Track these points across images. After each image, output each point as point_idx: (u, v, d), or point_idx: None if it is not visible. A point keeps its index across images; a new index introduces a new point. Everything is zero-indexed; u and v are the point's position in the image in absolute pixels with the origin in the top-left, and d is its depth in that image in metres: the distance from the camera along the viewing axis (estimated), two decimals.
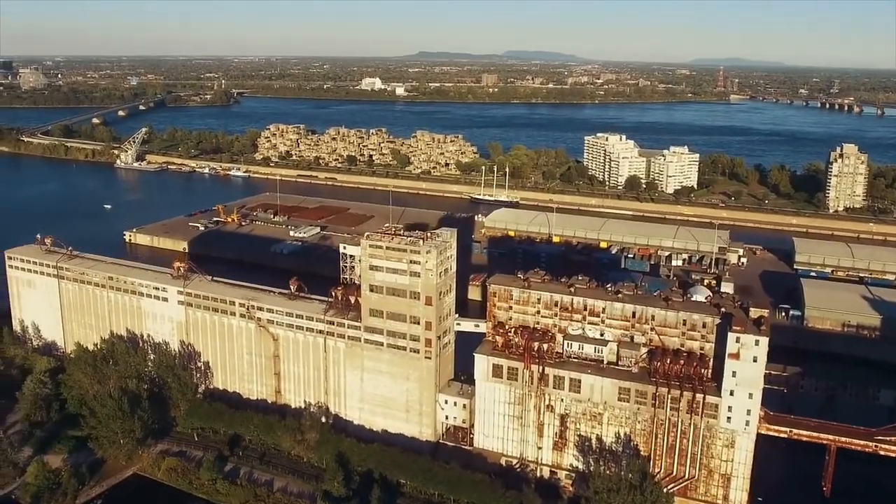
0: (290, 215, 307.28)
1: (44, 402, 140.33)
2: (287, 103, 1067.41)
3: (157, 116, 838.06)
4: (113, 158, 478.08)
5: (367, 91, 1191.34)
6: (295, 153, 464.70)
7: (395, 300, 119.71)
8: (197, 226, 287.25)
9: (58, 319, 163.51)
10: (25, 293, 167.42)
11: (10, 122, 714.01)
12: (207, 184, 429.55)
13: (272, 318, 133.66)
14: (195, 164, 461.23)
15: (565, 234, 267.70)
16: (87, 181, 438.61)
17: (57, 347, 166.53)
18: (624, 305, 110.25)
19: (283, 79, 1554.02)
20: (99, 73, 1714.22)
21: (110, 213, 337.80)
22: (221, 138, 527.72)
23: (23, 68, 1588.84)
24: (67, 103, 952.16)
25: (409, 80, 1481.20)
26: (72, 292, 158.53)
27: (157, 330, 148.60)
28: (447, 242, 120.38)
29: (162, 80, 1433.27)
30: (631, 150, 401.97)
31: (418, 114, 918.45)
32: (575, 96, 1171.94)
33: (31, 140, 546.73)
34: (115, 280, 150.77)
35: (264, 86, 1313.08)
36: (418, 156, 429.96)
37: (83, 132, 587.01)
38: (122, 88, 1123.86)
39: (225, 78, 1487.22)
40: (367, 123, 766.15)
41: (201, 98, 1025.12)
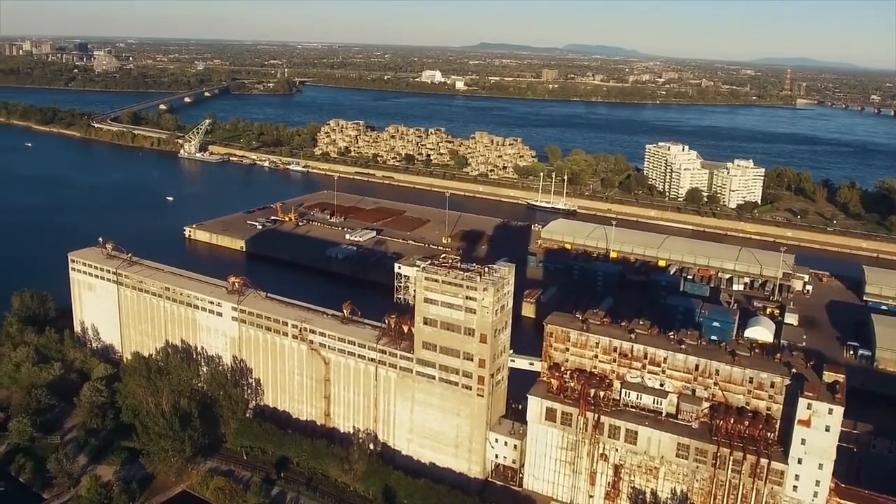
0: (346, 216, 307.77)
1: (99, 409, 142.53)
2: (347, 94, 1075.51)
3: (221, 104, 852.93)
4: (177, 148, 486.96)
5: (427, 84, 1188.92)
6: (353, 149, 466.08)
7: (449, 335, 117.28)
8: (255, 224, 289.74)
9: (116, 324, 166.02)
10: (86, 296, 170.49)
11: (83, 106, 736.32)
12: (266, 177, 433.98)
13: (324, 341, 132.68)
14: (256, 157, 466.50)
15: (623, 250, 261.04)
16: (151, 170, 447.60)
17: (114, 351, 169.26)
18: (687, 357, 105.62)
19: (345, 67, 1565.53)
20: (168, 56, 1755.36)
21: (172, 205, 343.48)
22: (282, 131, 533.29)
23: (97, 50, 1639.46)
24: (136, 88, 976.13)
25: (468, 72, 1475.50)
26: (130, 299, 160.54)
27: (210, 343, 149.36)
28: (504, 279, 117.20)
29: (227, 66, 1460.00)
30: (693, 162, 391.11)
31: (476, 109, 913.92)
32: (635, 96, 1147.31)
33: (101, 126, 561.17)
34: (172, 291, 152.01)
35: (326, 74, 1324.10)
36: (476, 157, 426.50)
37: (150, 119, 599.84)
38: (189, 74, 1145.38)
39: (288, 65, 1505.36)
40: (425, 118, 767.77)
41: (264, 86, 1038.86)
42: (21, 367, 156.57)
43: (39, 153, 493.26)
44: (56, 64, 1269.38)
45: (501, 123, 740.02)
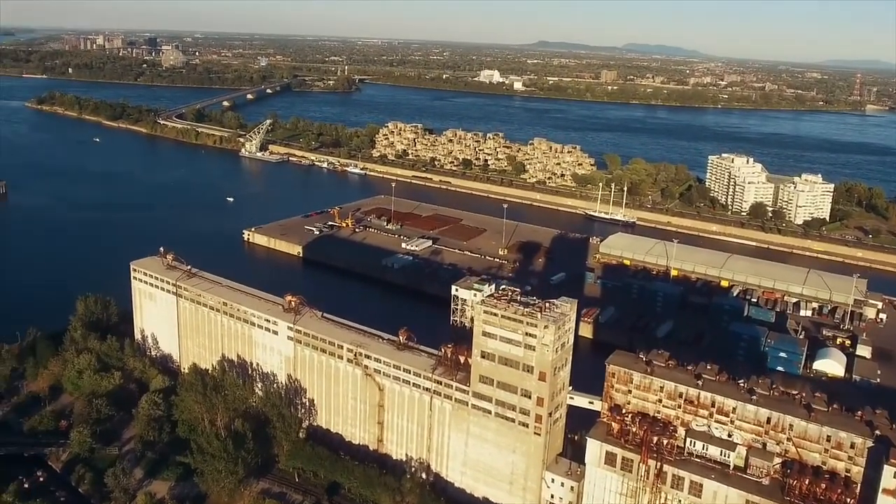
0: (403, 223, 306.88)
1: (156, 422, 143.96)
2: (405, 92, 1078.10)
3: (281, 101, 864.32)
4: (238, 146, 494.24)
5: (485, 84, 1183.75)
6: (411, 152, 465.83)
7: (506, 370, 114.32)
8: (312, 229, 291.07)
9: (174, 335, 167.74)
10: (147, 305, 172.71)
11: (150, 101, 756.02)
12: (325, 179, 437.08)
13: (379, 367, 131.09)
14: (315, 158, 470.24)
15: (684, 268, 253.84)
16: (213, 169, 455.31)
17: (172, 360, 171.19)
18: (758, 409, 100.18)
19: (404, 65, 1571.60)
20: (232, 51, 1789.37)
21: (232, 206, 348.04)
22: (341, 131, 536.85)
23: (165, 45, 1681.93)
24: (201, 83, 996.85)
25: (527, 72, 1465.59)
26: (188, 311, 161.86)
27: (266, 360, 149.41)
28: (566, 315, 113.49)
29: (289, 62, 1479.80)
30: (758, 175, 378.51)
31: (533, 111, 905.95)
32: (696, 99, 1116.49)
33: (166, 123, 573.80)
34: (229, 306, 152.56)
35: (385, 72, 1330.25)
36: (534, 164, 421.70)
37: (213, 117, 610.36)
38: (252, 70, 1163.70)
39: (348, 62, 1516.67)
40: (481, 120, 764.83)
41: (324, 84, 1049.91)
42: (83, 374, 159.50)
43: (107, 149, 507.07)
44: (126, 59, 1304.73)
45: (558, 127, 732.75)
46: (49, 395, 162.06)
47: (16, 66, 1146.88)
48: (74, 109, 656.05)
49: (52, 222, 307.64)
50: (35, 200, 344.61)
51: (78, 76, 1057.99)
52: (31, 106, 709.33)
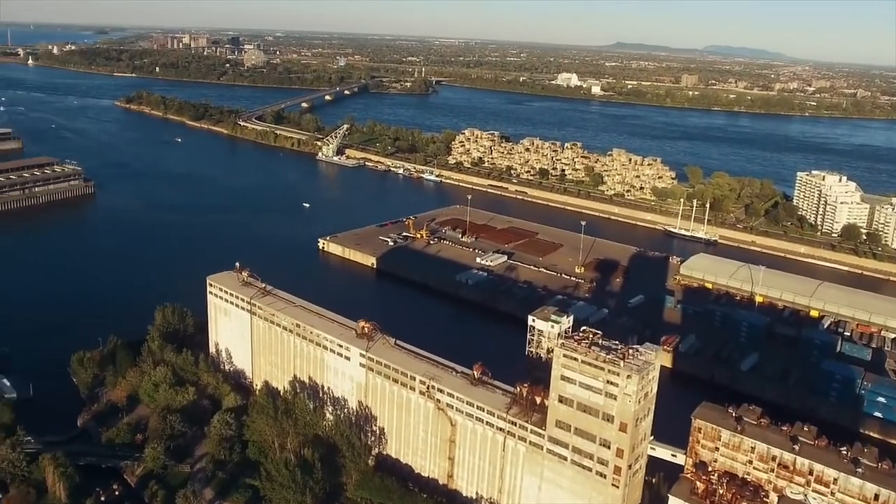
0: (478, 235, 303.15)
1: (227, 442, 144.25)
2: (481, 95, 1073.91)
3: (358, 102, 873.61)
4: (315, 150, 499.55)
5: (562, 87, 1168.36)
6: (487, 160, 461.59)
7: (585, 417, 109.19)
8: (386, 240, 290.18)
9: (248, 351, 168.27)
10: (222, 320, 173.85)
11: (231, 101, 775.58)
12: (400, 185, 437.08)
13: (451, 402, 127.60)
14: (390, 163, 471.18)
15: (770, 294, 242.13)
16: (290, 172, 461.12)
17: (245, 376, 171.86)
18: (864, 483, 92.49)
19: (481, 66, 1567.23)
20: (312, 51, 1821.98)
21: (308, 212, 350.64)
22: (417, 136, 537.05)
23: (247, 44, 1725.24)
24: (281, 83, 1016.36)
25: (604, 75, 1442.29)
26: (262, 329, 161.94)
27: (337, 385, 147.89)
28: (650, 364, 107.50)
29: (367, 62, 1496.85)
30: (852, 195, 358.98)
31: (610, 117, 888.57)
32: (782, 106, 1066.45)
33: (246, 125, 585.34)
34: (302, 328, 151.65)
35: (462, 74, 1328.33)
36: (612, 176, 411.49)
37: (291, 119, 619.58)
38: (330, 70, 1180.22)
39: (425, 63, 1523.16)
40: (556, 125, 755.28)
41: (401, 85, 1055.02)
42: (159, 387, 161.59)
43: (188, 149, 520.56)
44: (210, 58, 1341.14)
45: (635, 134, 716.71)
46: (126, 404, 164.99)
47: (108, 64, 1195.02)
48: (160, 109, 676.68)
49: (134, 224, 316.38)
50: (120, 201, 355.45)
51: (164, 75, 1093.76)
52: (120, 105, 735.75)
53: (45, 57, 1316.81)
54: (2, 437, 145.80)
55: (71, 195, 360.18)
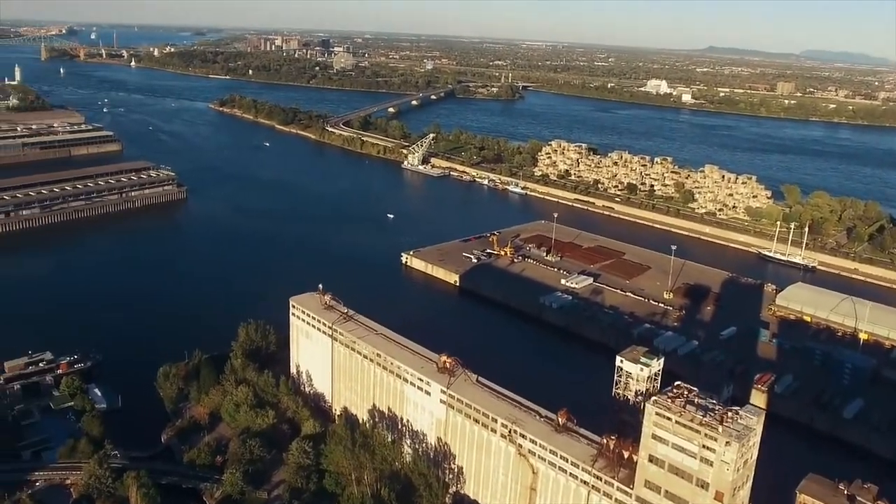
0: (563, 254, 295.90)
1: (304, 471, 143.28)
2: (568, 102, 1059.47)
3: (444, 108, 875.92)
4: (401, 158, 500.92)
5: (651, 94, 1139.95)
6: (574, 173, 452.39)
7: (677, 481, 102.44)
8: (470, 256, 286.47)
9: (328, 377, 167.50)
10: (303, 342, 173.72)
11: (319, 104, 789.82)
12: (485, 197, 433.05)
13: (534, 449, 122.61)
14: (475, 174, 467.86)
15: (877, 332, 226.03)
16: (375, 181, 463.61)
17: (324, 400, 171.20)
18: None
19: (568, 71, 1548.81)
20: (399, 53, 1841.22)
21: (392, 223, 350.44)
22: (503, 146, 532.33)
23: (337, 46, 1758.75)
24: (369, 87, 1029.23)
25: (695, 81, 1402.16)
26: (343, 356, 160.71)
27: (416, 418, 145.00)
28: (752, 430, 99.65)
29: (454, 66, 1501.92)
30: None
31: (700, 127, 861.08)
32: (888, 118, 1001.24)
33: (333, 130, 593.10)
34: (383, 358, 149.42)
35: (549, 79, 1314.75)
36: (704, 194, 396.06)
37: (378, 125, 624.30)
38: (417, 74, 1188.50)
39: (512, 67, 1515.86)
40: (644, 135, 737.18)
41: (487, 91, 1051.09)
42: (240, 407, 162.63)
43: (276, 154, 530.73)
44: (301, 61, 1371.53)
45: (725, 146, 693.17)
46: (208, 422, 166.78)
47: (204, 66, 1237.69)
48: (251, 112, 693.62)
49: (222, 231, 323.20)
50: (210, 207, 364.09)
51: (257, 77, 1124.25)
52: (213, 108, 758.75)
53: (146, 59, 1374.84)
54: (90, 450, 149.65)
55: (165, 200, 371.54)
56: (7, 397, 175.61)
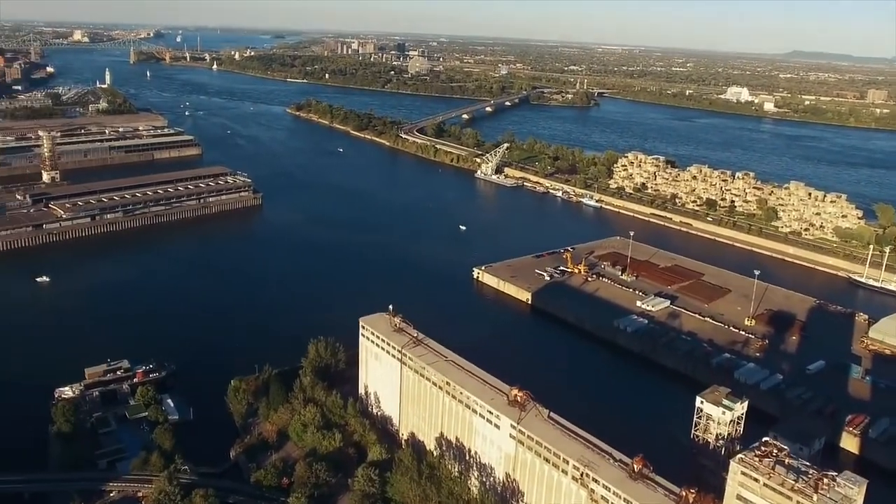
0: (638, 273, 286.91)
1: (369, 498, 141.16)
2: (644, 109, 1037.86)
3: (518, 114, 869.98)
4: (474, 167, 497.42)
5: (731, 102, 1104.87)
6: (651, 186, 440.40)
7: None
8: (543, 274, 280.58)
9: (396, 400, 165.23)
10: (372, 364, 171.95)
11: (393, 110, 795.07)
12: (558, 210, 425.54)
13: (607, 496, 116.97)
14: (549, 185, 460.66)
15: None
16: (448, 190, 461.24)
17: (392, 424, 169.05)
18: None
19: (645, 77, 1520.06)
20: (474, 57, 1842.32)
21: (464, 236, 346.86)
22: (578, 156, 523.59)
23: (412, 50, 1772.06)
24: (443, 92, 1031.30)
25: (778, 88, 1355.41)
26: (411, 381, 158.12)
27: (484, 451, 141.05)
28: (852, 501, 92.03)
29: (528, 71, 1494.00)
30: None
31: (782, 137, 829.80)
32: None
33: (407, 137, 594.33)
34: (452, 387, 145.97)
35: (625, 85, 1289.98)
36: (788, 212, 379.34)
37: (452, 132, 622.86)
38: (492, 80, 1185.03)
39: (587, 72, 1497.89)
40: (721, 145, 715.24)
41: (562, 97, 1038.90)
42: (307, 428, 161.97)
43: (350, 160, 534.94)
44: (376, 65, 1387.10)
45: (808, 158, 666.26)
46: (276, 440, 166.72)
47: (282, 70, 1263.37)
48: (326, 117, 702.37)
49: (295, 240, 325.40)
50: (284, 214, 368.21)
51: (333, 81, 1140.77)
52: (290, 112, 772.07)
53: (227, 62, 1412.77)
54: (162, 463, 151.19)
55: (240, 206, 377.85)
56: (87, 404, 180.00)
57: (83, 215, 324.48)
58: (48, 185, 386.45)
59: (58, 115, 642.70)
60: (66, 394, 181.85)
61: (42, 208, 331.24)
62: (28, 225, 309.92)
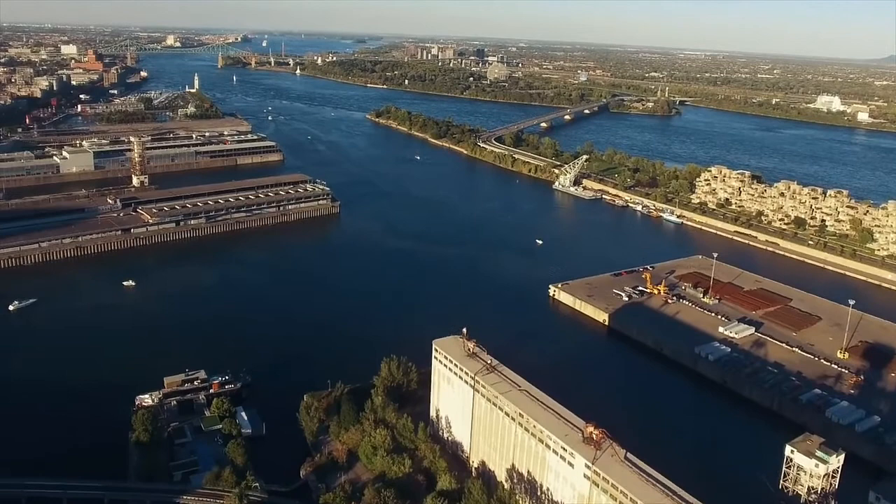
0: (721, 296, 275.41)
1: None
2: (728, 119, 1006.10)
3: (597, 123, 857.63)
4: (552, 178, 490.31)
5: (822, 112, 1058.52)
6: (735, 202, 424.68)
7: None
8: (620, 294, 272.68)
9: (467, 427, 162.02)
10: (444, 388, 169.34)
11: (471, 117, 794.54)
12: (638, 225, 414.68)
13: None
14: (628, 198, 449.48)
15: None
16: (525, 202, 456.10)
17: (462, 450, 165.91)
18: None
19: (729, 84, 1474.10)
20: (553, 63, 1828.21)
21: (540, 250, 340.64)
22: (658, 169, 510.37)
23: (491, 55, 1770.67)
24: (521, 99, 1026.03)
25: (873, 97, 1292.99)
26: (483, 409, 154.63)
27: (557, 489, 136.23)
28: None
29: (608, 77, 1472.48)
30: None
31: (876, 150, 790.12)
32: None
33: (485, 146, 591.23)
34: (525, 420, 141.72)
35: (707, 94, 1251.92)
36: (886, 234, 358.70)
37: (530, 142, 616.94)
38: (571, 86, 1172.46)
39: (668, 79, 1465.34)
40: (808, 158, 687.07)
41: (643, 105, 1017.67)
42: (377, 451, 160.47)
43: (427, 169, 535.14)
44: (455, 71, 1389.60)
45: None
46: (346, 460, 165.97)
47: (363, 75, 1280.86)
48: (405, 125, 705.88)
49: (371, 250, 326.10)
50: (360, 224, 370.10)
51: (412, 87, 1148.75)
52: (370, 118, 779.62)
53: (310, 67, 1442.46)
54: (234, 479, 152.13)
55: (319, 214, 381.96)
56: (164, 413, 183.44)
57: (168, 220, 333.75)
58: (137, 190, 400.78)
59: (149, 119, 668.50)
60: (146, 401, 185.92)
61: (131, 212, 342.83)
62: (117, 229, 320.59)
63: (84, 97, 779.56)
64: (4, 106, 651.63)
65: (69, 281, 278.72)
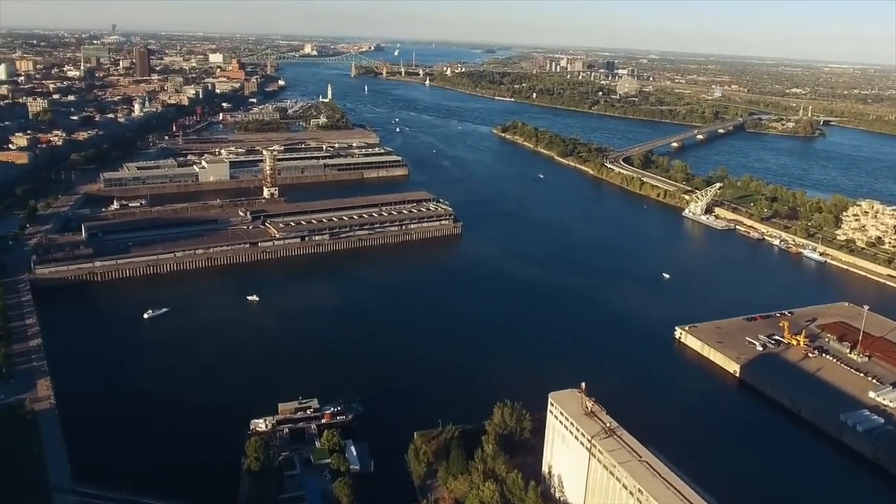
0: (872, 353, 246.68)
1: None
2: (879, 142, 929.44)
3: (731, 144, 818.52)
4: (682, 204, 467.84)
5: None
6: (889, 241, 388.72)
7: None
8: (754, 342, 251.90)
9: (581, 492, 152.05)
10: (559, 445, 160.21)
11: (598, 134, 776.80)
12: (774, 261, 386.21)
13: None
14: (765, 230, 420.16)
15: None
16: (652, 229, 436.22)
17: None
18: None
19: (881, 102, 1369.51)
20: (686, 77, 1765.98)
21: (667, 285, 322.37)
22: (799, 198, 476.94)
23: (621, 68, 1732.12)
24: (651, 116, 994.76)
25: None
26: (599, 476, 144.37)
27: None
28: None
29: (744, 93, 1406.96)
30: None
31: None
32: None
33: (612, 167, 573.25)
34: (644, 496, 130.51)
35: (855, 112, 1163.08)
36: None
37: (659, 164, 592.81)
38: (704, 103, 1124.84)
39: (811, 96, 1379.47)
40: None
41: (782, 125, 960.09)
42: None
43: (551, 188, 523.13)
44: (584, 84, 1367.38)
45: None
46: None
47: (491, 87, 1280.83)
48: (531, 141, 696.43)
49: (490, 277, 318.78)
50: (482, 247, 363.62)
51: (540, 101, 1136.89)
52: (496, 133, 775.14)
53: (438, 77, 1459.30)
54: None
55: (441, 234, 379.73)
56: (276, 440, 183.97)
57: (294, 236, 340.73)
58: (267, 202, 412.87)
59: (283, 128, 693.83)
60: (260, 426, 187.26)
61: (259, 226, 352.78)
62: (246, 242, 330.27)
63: (226, 105, 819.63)
64: (156, 114, 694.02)
65: (199, 292, 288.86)
